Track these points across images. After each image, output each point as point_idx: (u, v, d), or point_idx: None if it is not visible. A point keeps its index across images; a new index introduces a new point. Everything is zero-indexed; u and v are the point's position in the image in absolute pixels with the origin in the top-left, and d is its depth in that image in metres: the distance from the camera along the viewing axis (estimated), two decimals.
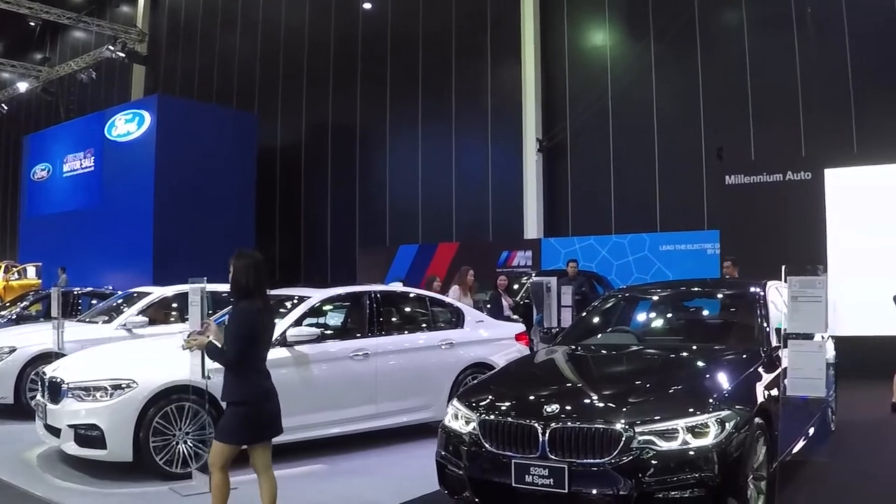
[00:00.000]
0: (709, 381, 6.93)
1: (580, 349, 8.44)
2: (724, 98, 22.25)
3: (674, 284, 11.61)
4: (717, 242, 18.53)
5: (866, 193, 16.39)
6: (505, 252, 23.19)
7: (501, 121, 25.73)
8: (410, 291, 12.25)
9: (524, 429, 6.21)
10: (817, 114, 20.95)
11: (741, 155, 20.74)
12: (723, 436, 5.97)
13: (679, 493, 5.83)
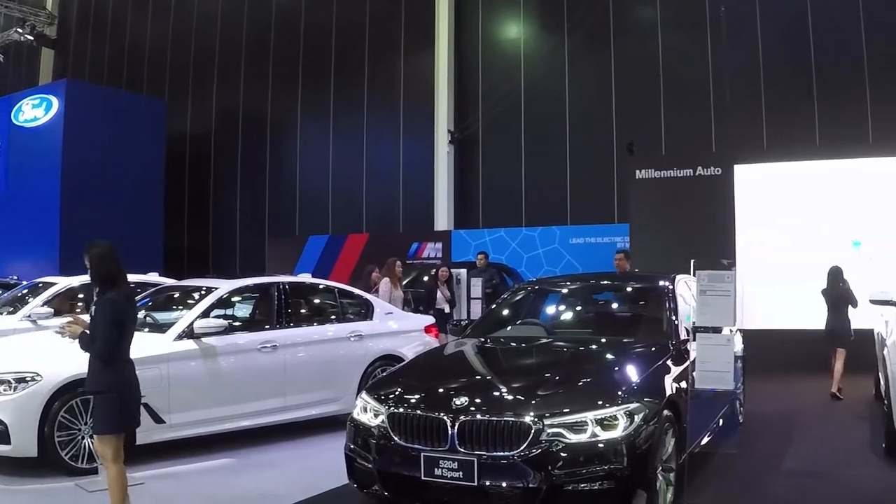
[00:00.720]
0: (618, 374, 7.02)
1: (489, 341, 8.44)
2: (637, 93, 22.53)
3: (583, 277, 11.69)
4: (626, 236, 18.73)
5: (775, 189, 16.72)
6: (415, 244, 23.18)
7: (414, 112, 25.70)
8: (319, 283, 12.17)
9: (433, 422, 6.21)
10: (728, 110, 21.31)
11: (652, 149, 21.03)
12: (632, 428, 6.03)
13: (588, 485, 5.88)
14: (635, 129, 21.55)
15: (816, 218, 16.37)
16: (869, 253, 15.84)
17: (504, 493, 6.01)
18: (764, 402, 12.01)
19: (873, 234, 16.03)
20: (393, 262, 15.02)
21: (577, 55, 23.54)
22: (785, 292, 16.25)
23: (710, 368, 6.75)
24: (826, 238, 16.22)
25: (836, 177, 16.46)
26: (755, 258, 16.40)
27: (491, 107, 24.39)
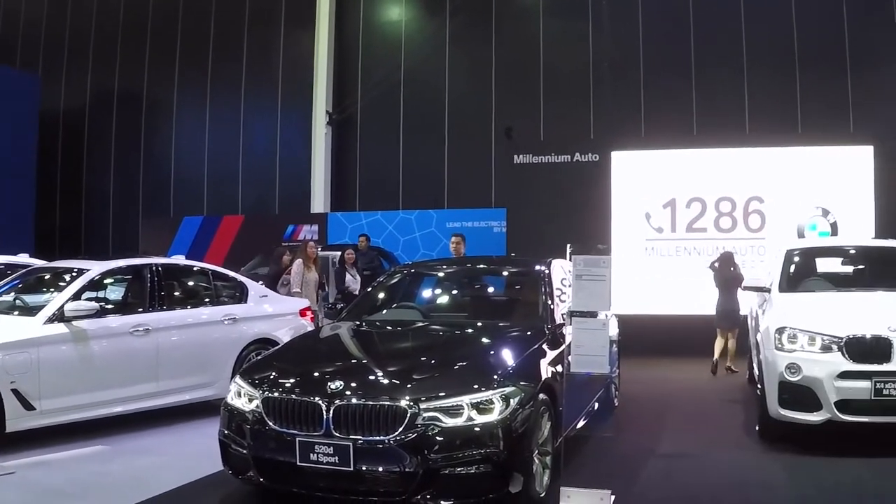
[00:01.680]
0: (493, 358, 7.09)
1: (365, 325, 8.43)
2: (516, 78, 22.69)
3: (460, 261, 11.82)
4: (503, 220, 18.91)
5: (651, 176, 17.11)
6: (291, 226, 22.94)
7: (292, 92, 25.36)
8: (194, 264, 11.97)
9: (308, 406, 6.18)
10: (607, 98, 21.70)
11: (531, 135, 21.22)
12: (507, 412, 6.11)
13: (465, 469, 5.93)
14: (514, 115, 21.72)
15: (691, 205, 16.83)
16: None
17: (380, 478, 6.02)
18: (639, 385, 12.27)
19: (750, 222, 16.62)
20: (306, 243, 14.87)
21: (458, 39, 23.55)
22: (659, 278, 16.68)
23: (586, 352, 6.84)
24: (701, 225, 16.71)
25: (712, 165, 16.98)
26: (630, 244, 16.78)
27: (370, 88, 24.28)
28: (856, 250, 11.76)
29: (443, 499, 6.00)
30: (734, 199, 16.85)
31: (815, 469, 8.02)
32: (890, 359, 8.18)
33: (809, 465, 8.19)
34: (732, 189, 16.88)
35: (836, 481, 7.60)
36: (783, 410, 8.57)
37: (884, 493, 7.24)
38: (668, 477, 7.80)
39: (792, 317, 8.96)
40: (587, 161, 17.44)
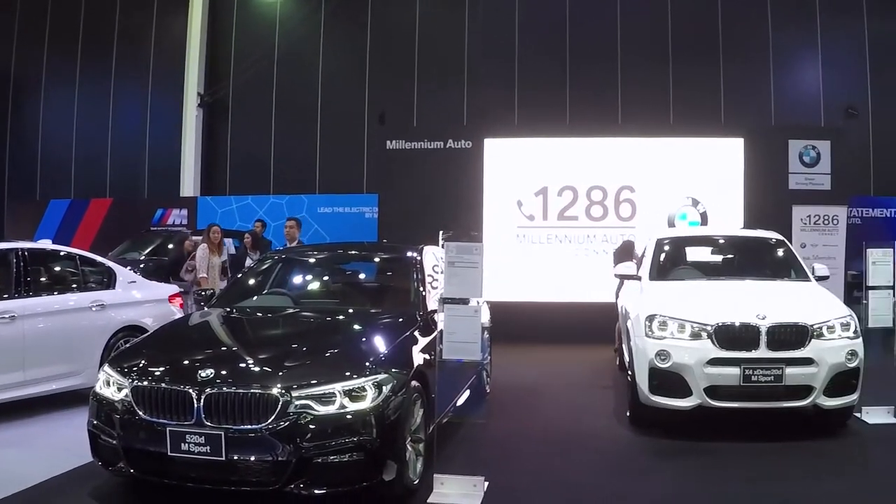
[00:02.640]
0: (365, 345, 7.09)
1: (236, 312, 8.34)
2: (391, 63, 22.68)
3: (331, 247, 11.74)
4: (375, 206, 18.86)
5: (523, 164, 17.27)
6: (160, 210, 22.55)
7: (163, 73, 24.79)
8: (61, 249, 11.62)
9: (178, 395, 6.06)
10: (482, 85, 21.88)
11: (404, 120, 21.23)
12: (380, 399, 6.11)
13: (338, 457, 5.91)
14: (388, 100, 21.70)
15: (563, 193, 17.05)
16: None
17: (253, 467, 5.95)
18: (510, 372, 12.38)
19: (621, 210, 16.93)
20: (210, 228, 14.58)
21: (333, 22, 23.41)
22: (531, 265, 16.85)
23: (458, 339, 6.86)
24: (572, 213, 16.94)
25: (584, 154, 17.23)
26: (502, 231, 16.92)
27: (243, 71, 23.92)
28: (725, 240, 12.07)
29: (316, 487, 5.96)
30: (606, 187, 17.10)
31: (685, 454, 8.22)
32: (758, 346, 8.46)
33: (679, 449, 8.39)
34: (604, 178, 17.13)
35: (705, 465, 7.80)
36: (654, 396, 8.77)
37: (752, 476, 7.45)
38: (541, 462, 7.89)
39: (662, 304, 9.17)
40: (460, 148, 17.49)
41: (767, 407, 8.67)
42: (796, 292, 9.95)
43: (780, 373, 8.41)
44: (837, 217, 17.26)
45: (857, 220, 19.65)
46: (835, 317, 8.88)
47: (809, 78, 22.51)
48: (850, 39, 22.61)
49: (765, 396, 8.54)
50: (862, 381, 8.87)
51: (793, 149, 17.38)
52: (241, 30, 24.39)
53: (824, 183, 17.33)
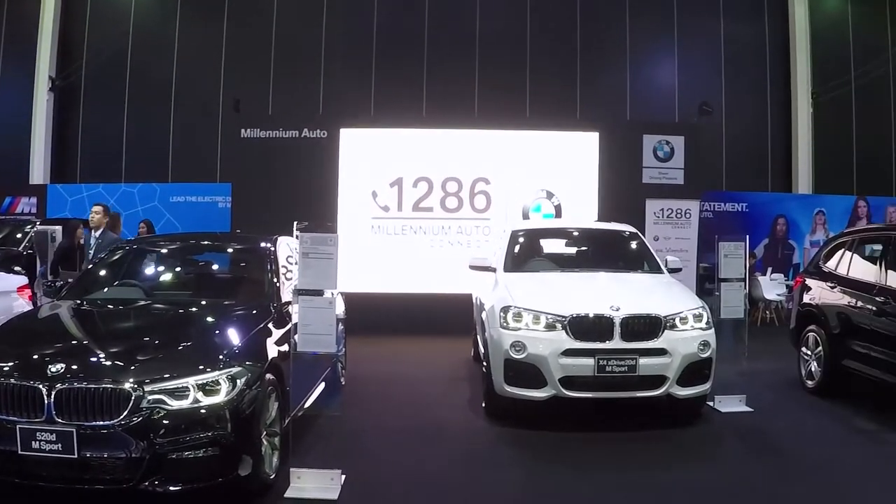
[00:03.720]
0: (219, 338, 6.98)
1: (87, 304, 8.11)
2: (248, 50, 22.41)
3: (184, 237, 11.55)
4: (228, 196, 18.63)
5: (379, 155, 17.29)
6: (8, 198, 21.85)
7: (13, 54, 23.86)
8: None
9: (28, 391, 5.85)
10: (339, 74, 21.82)
11: (259, 109, 21.01)
12: (234, 393, 6.06)
13: (193, 452, 5.83)
14: (244, 88, 21.44)
15: (418, 184, 17.13)
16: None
17: (106, 465, 5.80)
18: (366, 364, 12.39)
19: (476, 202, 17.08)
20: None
21: (190, 8, 22.96)
22: (386, 256, 16.89)
23: (313, 331, 6.84)
24: (427, 205, 17.04)
25: (440, 146, 17.36)
26: (357, 222, 16.90)
27: (96, 55, 23.23)
28: (579, 232, 12.36)
29: (171, 484, 5.86)
30: (461, 179, 17.25)
31: (540, 444, 8.37)
32: (612, 337, 8.67)
33: (535, 440, 8.54)
34: (459, 170, 17.28)
35: (560, 456, 7.96)
36: (509, 387, 8.89)
37: (606, 466, 7.64)
38: (398, 455, 7.93)
39: (517, 296, 9.29)
40: (315, 137, 17.38)
41: (622, 397, 8.91)
42: (649, 284, 10.24)
43: (634, 363, 8.64)
44: (690, 211, 17.81)
45: (710, 213, 20.31)
46: (687, 308, 9.17)
47: (665, 74, 23.21)
48: (706, 38, 23.46)
49: (619, 387, 8.76)
50: (714, 371, 9.20)
51: (647, 143, 17.86)
52: (95, 13, 23.70)
53: (677, 177, 17.86)
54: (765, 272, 20.04)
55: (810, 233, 21.46)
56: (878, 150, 24.59)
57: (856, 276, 10.74)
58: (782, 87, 24.12)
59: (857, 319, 10.32)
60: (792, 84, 23.94)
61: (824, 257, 11.85)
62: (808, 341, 11.36)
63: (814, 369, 11.11)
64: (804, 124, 23.77)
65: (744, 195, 21.66)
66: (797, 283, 12.56)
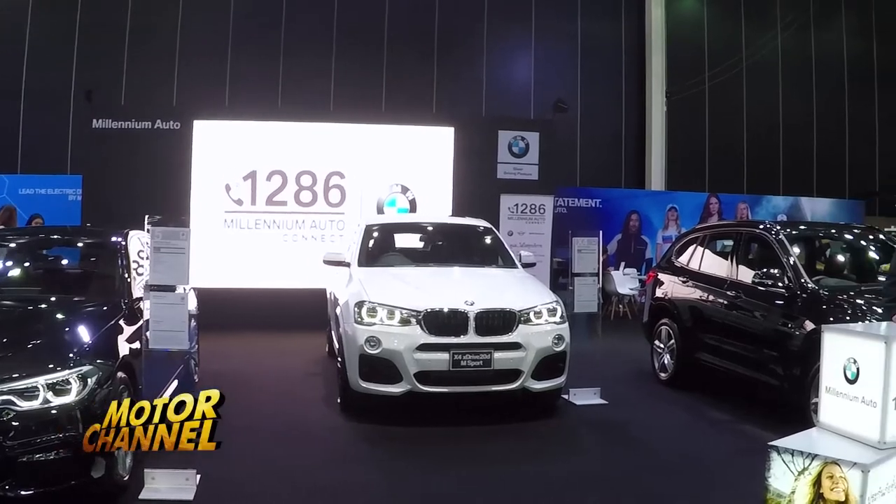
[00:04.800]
0: (69, 335, 6.85)
1: None
2: (101, 38, 21.87)
3: (31, 231, 11.33)
4: (79, 188, 18.21)
5: (233, 148, 17.13)
6: None
7: None
8: None
9: None
10: (193, 65, 21.51)
11: (112, 99, 20.59)
12: (85, 392, 5.98)
13: (44, 455, 5.73)
14: (97, 77, 20.95)
15: (272, 178, 17.05)
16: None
17: None
18: (220, 361, 12.27)
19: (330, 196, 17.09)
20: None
21: None
22: (239, 251, 16.74)
23: (165, 328, 6.81)
24: (281, 198, 16.96)
25: (294, 139, 17.30)
26: (210, 216, 16.72)
27: None
28: (434, 227, 12.51)
29: (22, 489, 5.73)
30: (315, 173, 17.17)
31: (397, 439, 8.47)
32: (466, 331, 8.84)
33: (392, 435, 8.63)
34: (314, 163, 17.21)
35: (417, 451, 8.07)
36: (364, 383, 8.96)
37: (463, 459, 7.79)
38: (254, 453, 7.91)
39: (371, 291, 9.37)
40: (168, 129, 17.10)
41: (477, 391, 9.05)
42: (504, 279, 10.44)
43: (489, 357, 8.83)
44: (544, 206, 18.10)
45: (564, 209, 20.68)
46: (541, 302, 9.41)
47: (522, 71, 23.59)
48: (563, 35, 23.95)
49: (474, 381, 8.93)
50: (568, 365, 9.44)
51: (502, 139, 18.11)
52: None
53: (532, 173, 18.16)
54: (618, 267, 20.50)
55: (663, 228, 22.05)
56: (729, 148, 25.50)
57: (707, 270, 11.19)
58: (637, 86, 24.81)
59: (709, 313, 10.75)
60: (647, 83, 24.64)
61: (676, 252, 12.27)
62: (661, 334, 11.77)
63: (667, 362, 11.53)
64: (658, 122, 24.47)
65: (598, 191, 22.14)
66: (650, 277, 12.97)
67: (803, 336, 8.72)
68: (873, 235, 11.10)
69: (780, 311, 9.36)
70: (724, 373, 10.36)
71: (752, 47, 25.73)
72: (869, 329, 5.70)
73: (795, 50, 26.67)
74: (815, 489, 3.86)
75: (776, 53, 26.34)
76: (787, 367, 8.92)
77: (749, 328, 9.94)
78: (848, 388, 4.15)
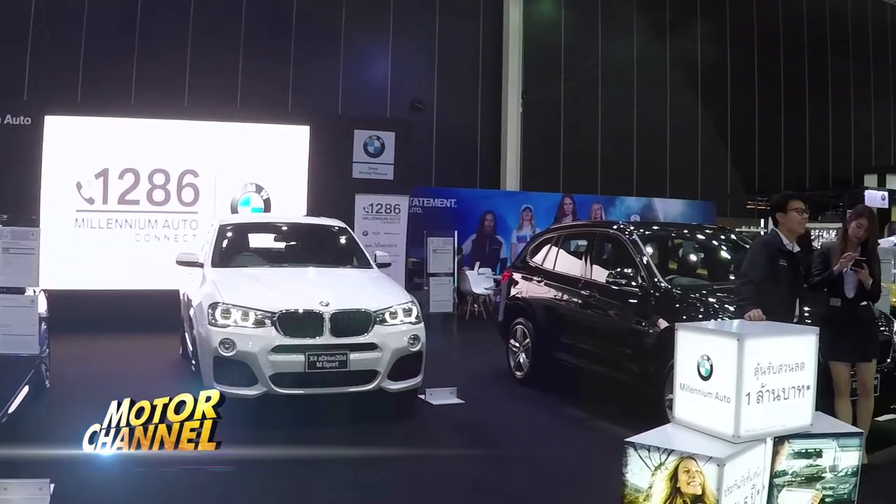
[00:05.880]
0: None
1: None
2: None
3: None
4: None
5: (85, 144, 16.65)
6: None
7: None
8: None
9: None
10: (46, 60, 20.88)
11: None
12: None
13: None
14: None
15: (125, 176, 16.69)
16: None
17: None
18: (72, 365, 11.95)
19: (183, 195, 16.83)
20: None
21: None
22: (91, 251, 16.35)
23: (14, 332, 6.63)
24: (133, 197, 16.62)
25: (148, 136, 16.93)
26: (60, 215, 16.28)
27: None
28: (288, 227, 12.44)
29: None
30: (168, 171, 16.82)
31: (255, 443, 8.36)
32: (322, 332, 8.81)
33: (249, 439, 8.51)
34: (168, 161, 16.87)
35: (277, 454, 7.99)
36: (219, 386, 8.78)
37: (324, 462, 7.74)
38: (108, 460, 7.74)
39: (225, 292, 9.27)
40: (19, 124, 16.59)
41: (334, 392, 9.01)
42: (359, 279, 10.48)
43: (345, 358, 8.82)
44: (399, 206, 18.14)
45: (419, 209, 20.73)
46: (397, 303, 9.45)
47: (379, 70, 23.63)
48: (421, 34, 24.02)
49: (330, 382, 8.90)
50: (424, 365, 9.48)
51: (358, 139, 18.09)
52: None
53: (387, 173, 18.20)
54: (473, 267, 20.61)
55: (517, 228, 22.31)
56: (584, 150, 25.99)
57: (562, 270, 11.39)
58: (494, 86, 25.07)
59: (564, 312, 10.94)
60: (503, 83, 24.92)
61: (531, 252, 12.43)
62: (517, 334, 11.90)
63: (522, 360, 11.68)
64: (514, 123, 24.78)
65: (453, 191, 22.28)
66: (505, 277, 13.14)
67: (657, 334, 8.94)
68: (725, 235, 11.49)
69: (634, 309, 9.59)
70: (579, 371, 10.53)
71: (609, 51, 26.31)
72: (721, 327, 5.87)
73: (651, 55, 27.44)
74: (672, 484, 3.93)
75: (632, 58, 27.00)
76: (642, 365, 9.14)
77: (604, 327, 10.15)
78: (702, 384, 4.24)
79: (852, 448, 4.32)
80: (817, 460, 4.25)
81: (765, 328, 5.26)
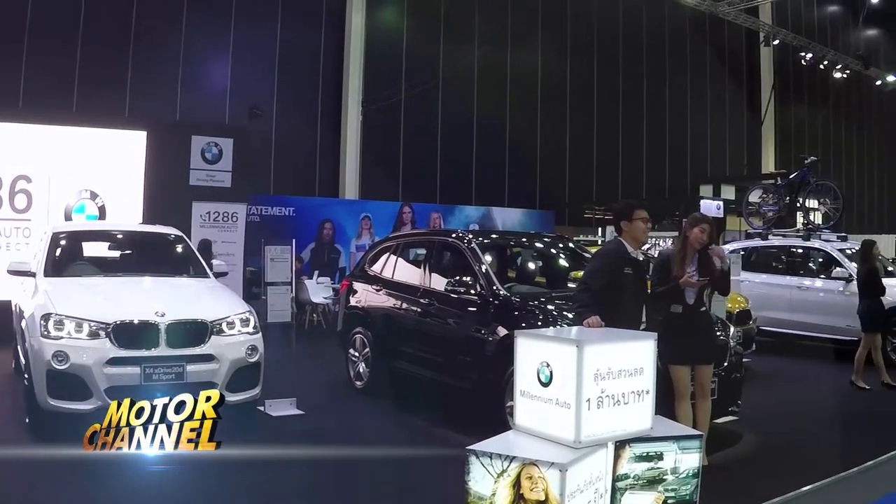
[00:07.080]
0: None
1: None
2: None
3: None
4: None
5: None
6: None
7: None
8: None
9: None
10: None
11: None
12: None
13: None
14: None
15: None
16: None
17: None
18: None
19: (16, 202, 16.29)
20: None
21: None
22: None
23: None
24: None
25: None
26: None
27: None
28: (124, 235, 12.20)
29: None
30: (0, 177, 16.35)
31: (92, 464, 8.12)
32: (158, 344, 8.63)
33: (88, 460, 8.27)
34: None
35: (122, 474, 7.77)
36: (52, 400, 8.53)
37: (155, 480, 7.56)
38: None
39: (58, 303, 8.98)
40: None
41: None
42: (195, 289, 10.34)
43: (182, 370, 8.65)
44: (237, 214, 17.99)
45: (257, 217, 20.54)
46: (234, 313, 9.34)
47: (218, 75, 23.34)
48: (262, 41, 23.85)
49: (167, 395, 8.70)
50: (263, 375, 9.38)
51: (195, 145, 17.87)
52: None
53: (225, 180, 18.01)
54: (311, 276, 20.52)
55: (356, 237, 22.33)
56: (423, 159, 26.16)
57: (401, 279, 11.43)
58: (334, 94, 25.06)
59: (404, 321, 10.98)
60: (343, 92, 24.92)
61: (370, 261, 12.45)
62: (356, 343, 11.89)
63: (362, 370, 11.68)
64: (353, 131, 24.84)
65: (291, 199, 22.19)
66: (343, 286, 13.09)
67: (496, 342, 9.04)
68: (563, 244, 11.69)
69: (473, 317, 9.69)
70: (419, 380, 10.57)
71: (450, 60, 26.53)
72: (560, 333, 5.95)
73: (492, 65, 27.79)
74: (516, 490, 3.95)
75: (473, 68, 27.29)
76: (482, 373, 9.23)
77: (443, 335, 10.22)
78: (542, 390, 4.27)
79: (692, 450, 4.41)
80: (658, 463, 4.32)
81: (604, 334, 5.35)
